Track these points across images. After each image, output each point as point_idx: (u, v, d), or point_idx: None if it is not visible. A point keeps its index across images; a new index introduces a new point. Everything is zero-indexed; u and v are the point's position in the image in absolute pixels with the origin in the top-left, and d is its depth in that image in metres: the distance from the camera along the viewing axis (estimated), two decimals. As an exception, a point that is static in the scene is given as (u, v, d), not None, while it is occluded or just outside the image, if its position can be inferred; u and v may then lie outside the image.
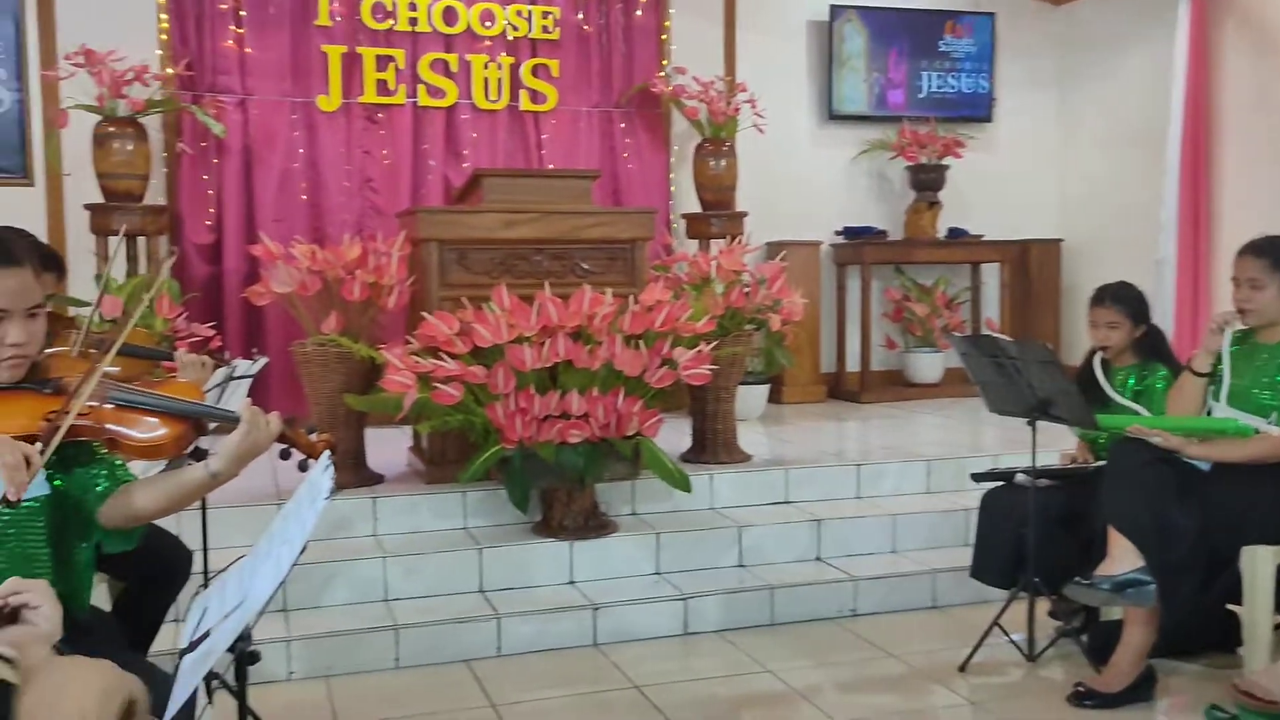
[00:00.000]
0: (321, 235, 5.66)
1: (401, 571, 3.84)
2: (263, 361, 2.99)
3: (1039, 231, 7.43)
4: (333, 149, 5.94)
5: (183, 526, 3.09)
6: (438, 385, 3.77)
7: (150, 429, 1.99)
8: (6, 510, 1.89)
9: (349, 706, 3.29)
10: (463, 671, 3.55)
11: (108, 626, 2.33)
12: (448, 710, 3.29)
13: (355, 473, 4.27)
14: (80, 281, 5.03)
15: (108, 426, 1.97)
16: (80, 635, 1.99)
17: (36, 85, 5.55)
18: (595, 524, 4.10)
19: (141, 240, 5.37)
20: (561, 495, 4.05)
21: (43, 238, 5.39)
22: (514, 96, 6.26)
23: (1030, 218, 7.43)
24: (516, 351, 3.79)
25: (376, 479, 4.36)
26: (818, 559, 4.29)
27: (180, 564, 2.93)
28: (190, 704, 1.49)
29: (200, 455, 2.25)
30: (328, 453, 1.93)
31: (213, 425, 2.10)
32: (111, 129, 5.18)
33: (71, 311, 3.44)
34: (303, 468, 2.03)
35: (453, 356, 3.82)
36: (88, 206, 5.24)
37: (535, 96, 6.30)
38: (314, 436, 2.12)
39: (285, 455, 2.13)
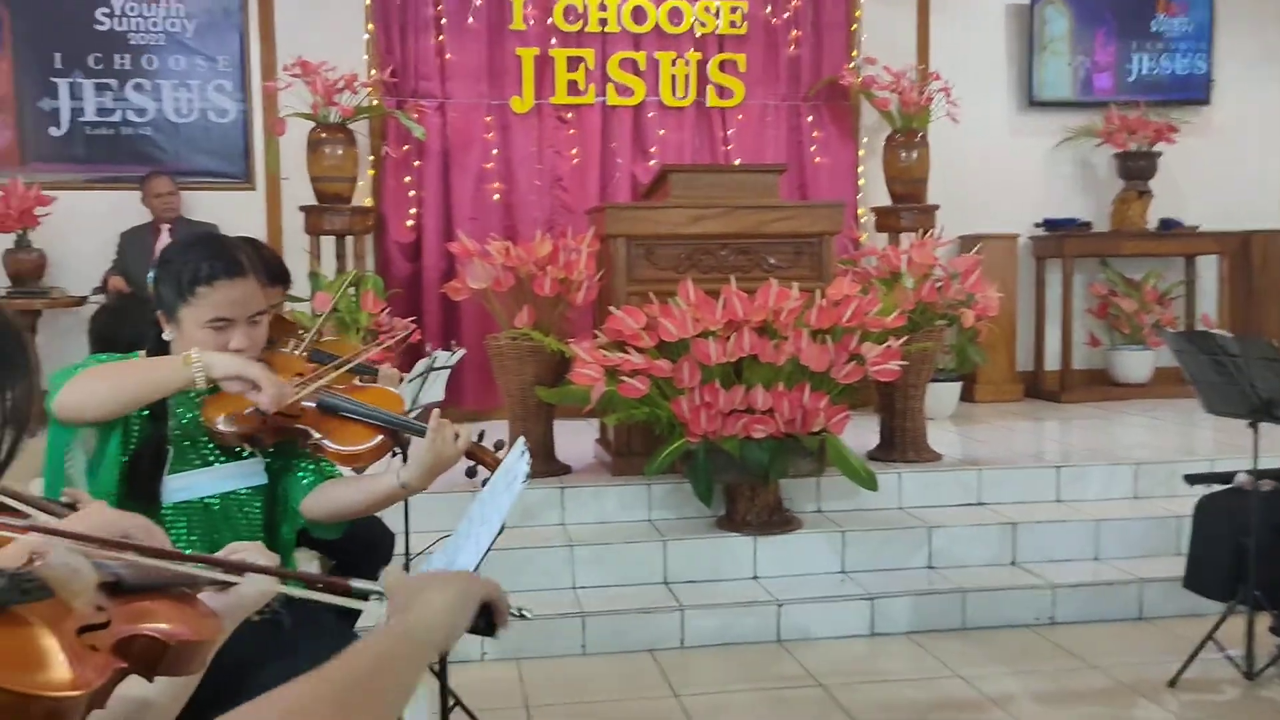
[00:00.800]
0: (514, 233, 5.84)
1: (588, 560, 3.92)
2: (460, 353, 3.10)
3: (1263, 221, 6.88)
4: (524, 149, 6.13)
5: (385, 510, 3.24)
6: (624, 378, 3.83)
7: (351, 438, 2.06)
8: (240, 491, 2.05)
9: (538, 688, 3.38)
10: (647, 660, 3.59)
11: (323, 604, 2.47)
12: (632, 697, 3.34)
13: (544, 463, 4.39)
14: (294, 279, 5.36)
15: (313, 430, 2.04)
16: (308, 608, 2.13)
17: (258, 96, 5.95)
18: (779, 520, 4.07)
19: (349, 239, 5.68)
20: (745, 490, 4.04)
21: (262, 238, 5.81)
22: (701, 93, 6.28)
23: (1253, 206, 6.88)
24: (701, 346, 3.80)
25: (564, 469, 4.46)
26: (1013, 563, 4.12)
27: (383, 545, 3.09)
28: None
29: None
30: (523, 438, 1.98)
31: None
32: (323, 135, 5.50)
33: (287, 307, 3.66)
34: (470, 474, 2.06)
35: (639, 350, 3.87)
36: (302, 208, 5.59)
37: (722, 92, 6.31)
38: (501, 454, 2.08)
39: (471, 473, 2.11)
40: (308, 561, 3.66)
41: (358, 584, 0.99)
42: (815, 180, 6.43)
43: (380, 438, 2.07)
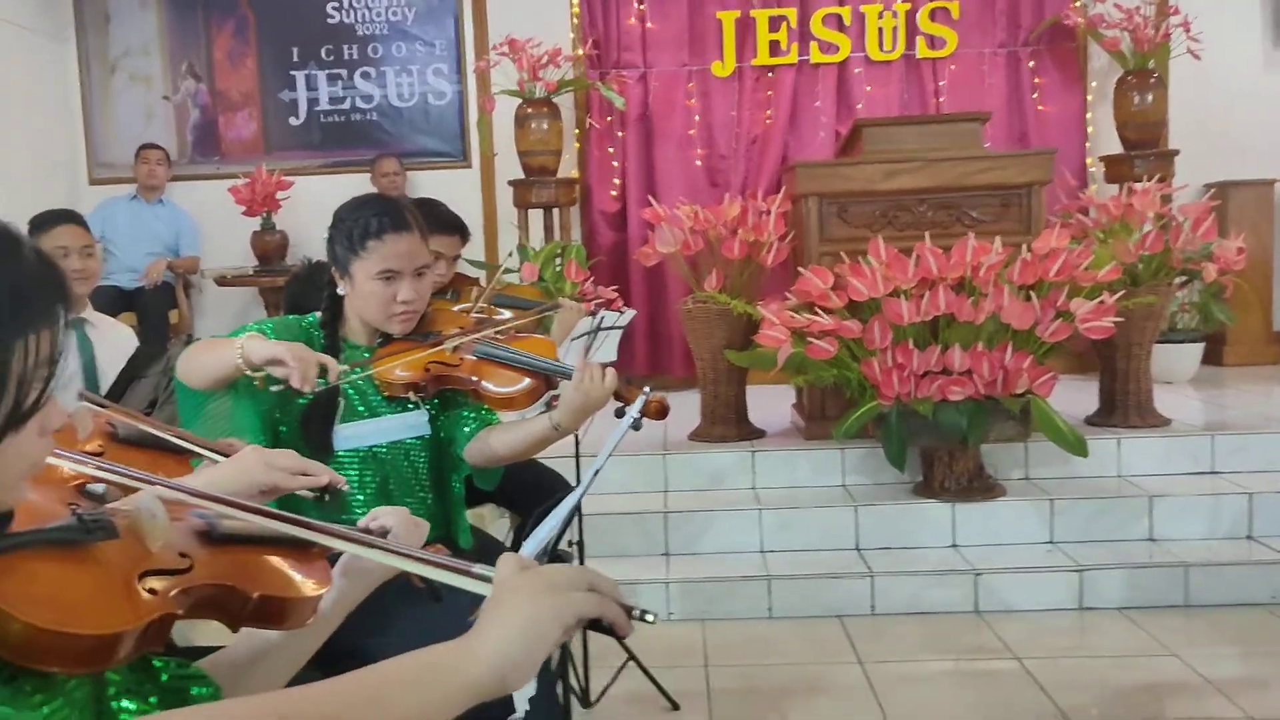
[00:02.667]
0: (717, 198, 5.82)
1: (777, 525, 3.87)
2: (630, 314, 3.12)
3: None
4: (725, 113, 6.09)
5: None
6: (812, 340, 3.75)
7: (506, 382, 2.15)
8: (407, 441, 2.14)
9: (722, 650, 3.38)
10: (834, 626, 3.52)
11: (487, 556, 2.55)
12: (817, 662, 3.28)
13: (736, 426, 4.36)
14: (504, 250, 5.57)
15: (471, 378, 2.16)
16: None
17: (472, 77, 6.20)
18: (980, 486, 3.88)
19: (556, 211, 5.83)
20: (943, 455, 3.87)
21: (477, 213, 6.08)
22: (910, 44, 6.02)
23: None
24: (893, 305, 3.66)
25: (757, 433, 4.42)
26: (1249, 537, 3.76)
27: (545, 483, 3.14)
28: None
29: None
30: (643, 397, 1.96)
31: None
32: (530, 110, 5.66)
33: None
34: (636, 427, 2.06)
35: (827, 311, 3.78)
36: (511, 182, 5.78)
37: (933, 42, 6.02)
38: (646, 394, 2.07)
39: (620, 414, 2.10)
40: (499, 517, 3.82)
41: (479, 569, 0.95)
42: (1039, 130, 6.04)
43: (530, 381, 2.15)
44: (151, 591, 0.95)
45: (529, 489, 2.89)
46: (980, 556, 3.70)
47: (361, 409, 2.13)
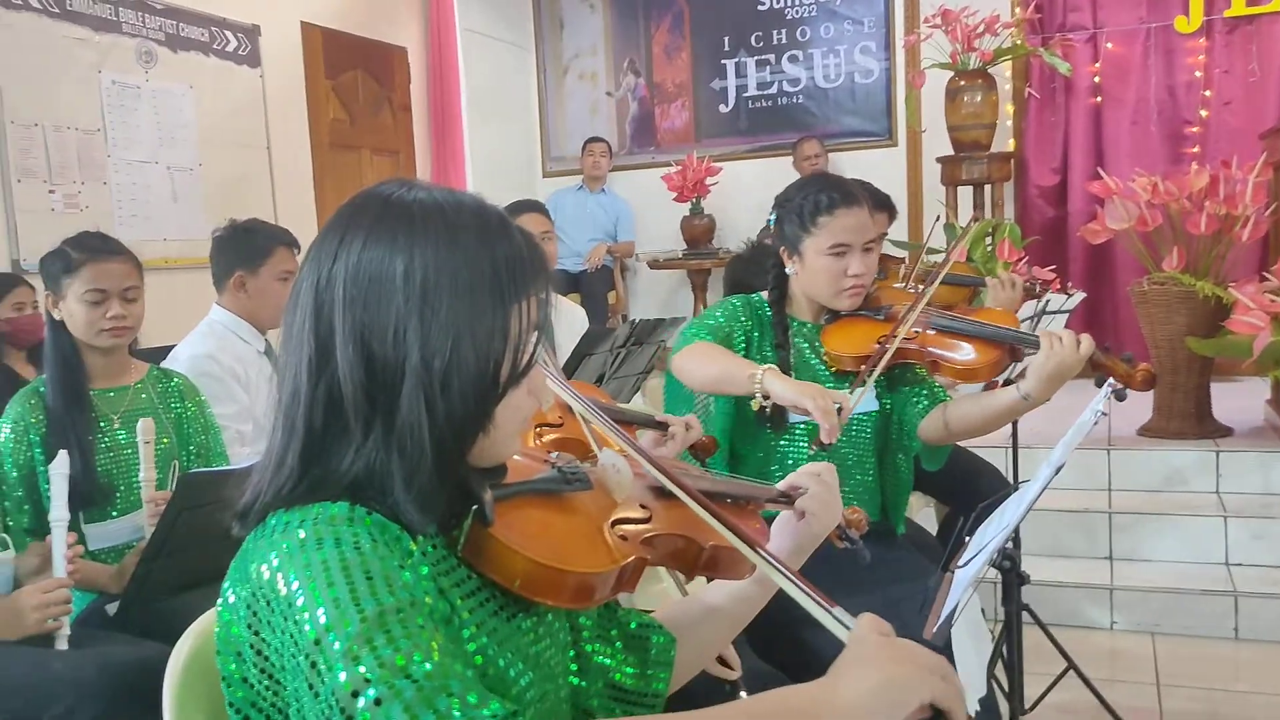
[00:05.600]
0: (1176, 169, 5.24)
1: (1246, 535, 3.41)
2: (1078, 297, 2.87)
3: None
4: (1187, 72, 5.45)
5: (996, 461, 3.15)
6: (1297, 326, 3.25)
7: (966, 353, 2.07)
8: (854, 417, 2.08)
9: (1177, 668, 3.04)
10: (1319, 659, 3.04)
11: (919, 547, 2.45)
12: (1294, 698, 2.86)
13: (1197, 423, 3.90)
14: (927, 229, 5.38)
15: (929, 350, 2.09)
16: (895, 549, 2.16)
17: (901, 52, 6.04)
18: None
19: (987, 188, 5.54)
20: None
21: (901, 191, 5.94)
22: None
23: None
24: None
25: (1223, 431, 3.92)
26: None
27: (984, 475, 2.97)
28: (950, 614, 1.50)
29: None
30: (1111, 380, 1.78)
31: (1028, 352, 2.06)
32: (962, 83, 5.41)
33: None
34: (1120, 397, 1.88)
35: (1320, 293, 3.26)
36: (939, 159, 5.57)
37: None
38: (1130, 364, 1.94)
39: (1099, 383, 1.94)
40: (925, 504, 3.70)
41: (839, 612, 0.95)
42: None
43: (995, 351, 2.05)
44: (622, 538, 1.02)
45: (963, 479, 2.76)
46: None
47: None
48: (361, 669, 0.75)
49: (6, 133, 3.89)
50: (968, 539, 1.67)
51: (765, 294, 2.20)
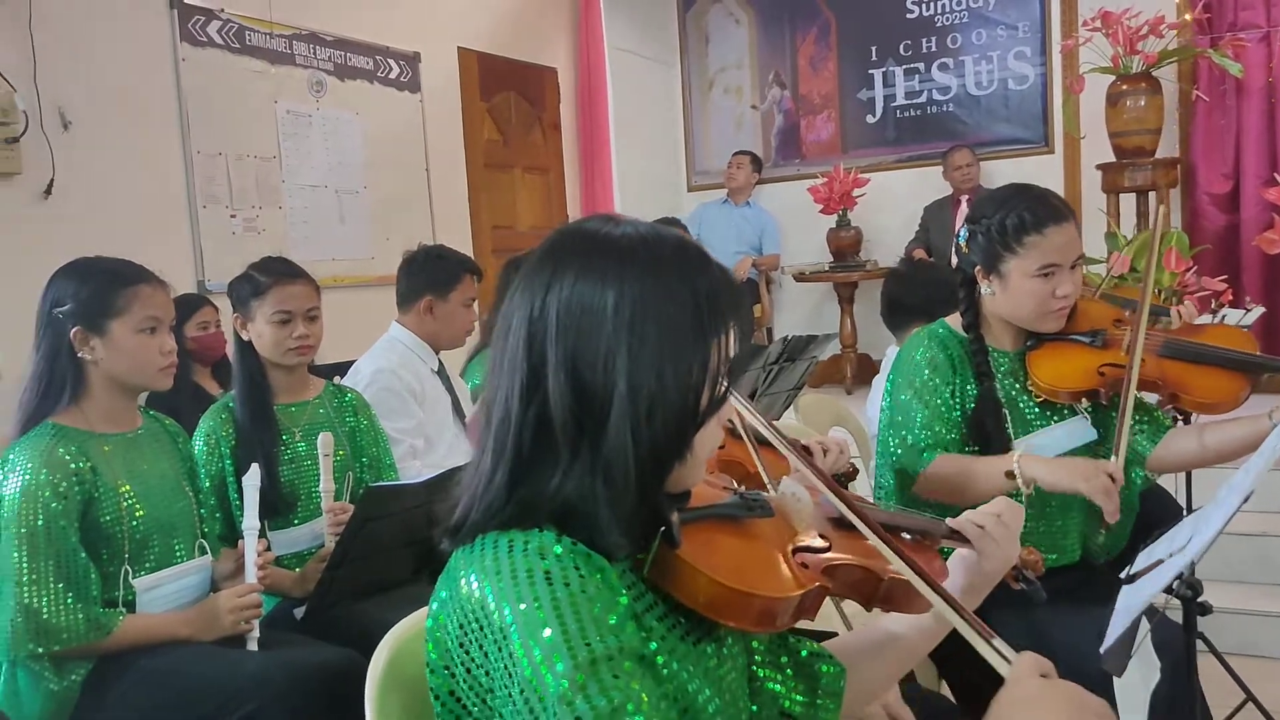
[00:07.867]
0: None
1: None
2: (1257, 311, 2.74)
3: None
4: (1378, 69, 5.13)
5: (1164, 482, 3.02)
6: None
7: (1210, 381, 1.93)
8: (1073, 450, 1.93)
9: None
10: None
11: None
12: None
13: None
14: (1089, 240, 5.19)
15: (1167, 380, 1.94)
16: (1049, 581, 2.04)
17: (1057, 57, 5.86)
18: None
19: (1151, 195, 5.32)
20: None
21: (1059, 200, 5.74)
22: None
23: None
24: None
25: None
26: None
27: (1169, 520, 2.87)
28: (1130, 634, 1.44)
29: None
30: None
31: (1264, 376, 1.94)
32: (1124, 87, 5.21)
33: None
34: None
35: None
36: (1099, 166, 5.38)
37: None
38: None
39: None
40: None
41: (999, 643, 0.94)
42: None
43: (1239, 379, 1.91)
44: (803, 565, 1.04)
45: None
46: None
47: (1016, 420, 1.96)
48: (577, 718, 0.79)
49: (193, 162, 4.16)
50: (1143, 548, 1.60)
51: (950, 319, 2.04)
